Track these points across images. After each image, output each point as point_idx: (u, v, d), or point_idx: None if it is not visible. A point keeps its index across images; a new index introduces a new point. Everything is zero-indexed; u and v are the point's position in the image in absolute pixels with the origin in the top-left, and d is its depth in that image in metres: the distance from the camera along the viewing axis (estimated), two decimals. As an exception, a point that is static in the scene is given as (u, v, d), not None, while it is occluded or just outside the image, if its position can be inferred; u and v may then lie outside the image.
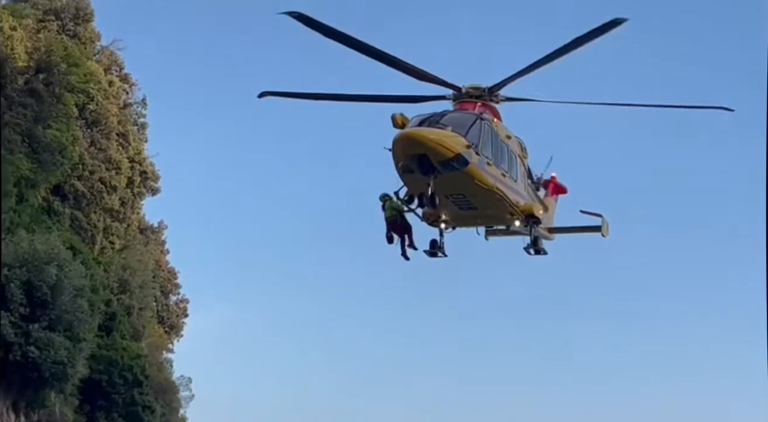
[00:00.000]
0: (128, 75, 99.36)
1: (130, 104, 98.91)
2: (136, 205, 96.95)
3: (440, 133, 32.48)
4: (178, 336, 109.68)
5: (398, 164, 33.02)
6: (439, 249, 37.47)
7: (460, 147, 32.53)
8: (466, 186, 33.69)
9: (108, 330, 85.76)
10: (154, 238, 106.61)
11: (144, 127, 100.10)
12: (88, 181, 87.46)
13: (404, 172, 33.22)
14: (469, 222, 38.13)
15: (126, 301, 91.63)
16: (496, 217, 37.46)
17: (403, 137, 32.51)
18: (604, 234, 42.16)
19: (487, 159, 33.89)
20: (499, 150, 35.04)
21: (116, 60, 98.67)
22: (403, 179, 34.09)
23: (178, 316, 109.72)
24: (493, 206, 35.55)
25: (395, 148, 32.66)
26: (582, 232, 42.71)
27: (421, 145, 32.11)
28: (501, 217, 37.29)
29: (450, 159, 32.31)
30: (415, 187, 34.21)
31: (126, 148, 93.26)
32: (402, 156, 32.60)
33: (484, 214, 36.50)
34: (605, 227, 42.14)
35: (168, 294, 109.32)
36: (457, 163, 32.54)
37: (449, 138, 32.43)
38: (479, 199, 34.65)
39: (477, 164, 33.22)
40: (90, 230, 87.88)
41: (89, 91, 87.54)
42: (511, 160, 36.02)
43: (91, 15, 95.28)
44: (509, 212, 36.48)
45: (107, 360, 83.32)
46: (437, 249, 37.45)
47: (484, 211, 35.78)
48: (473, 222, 38.20)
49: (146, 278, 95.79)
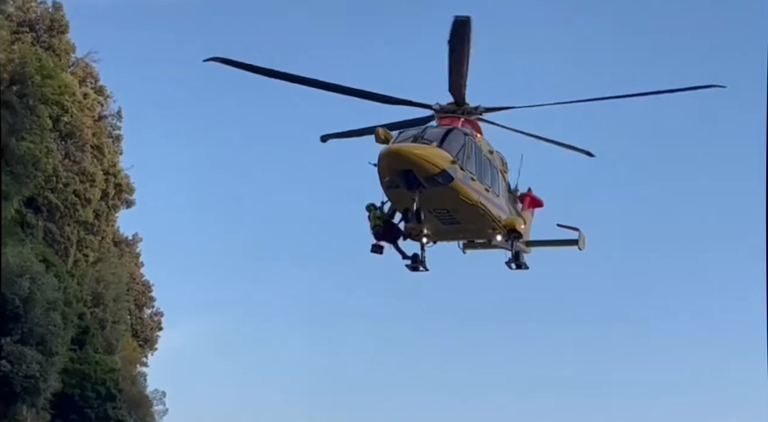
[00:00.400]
0: (103, 87, 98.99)
1: (105, 116, 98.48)
2: (110, 218, 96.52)
3: (426, 149, 32.80)
4: (152, 350, 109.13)
5: (384, 179, 33.28)
6: (421, 264, 37.49)
7: (445, 163, 32.89)
8: (450, 201, 34.02)
9: (81, 343, 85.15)
10: (129, 251, 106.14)
11: (119, 140, 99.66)
12: (61, 194, 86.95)
13: (389, 187, 33.49)
14: (451, 237, 38.31)
15: (100, 314, 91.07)
16: (478, 232, 37.67)
17: (389, 153, 32.78)
18: (580, 248, 42.39)
19: (471, 174, 34.27)
20: (483, 165, 35.39)
21: (91, 72, 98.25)
22: (387, 194, 34.31)
23: (152, 329, 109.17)
24: (476, 221, 35.85)
25: (381, 163, 32.93)
26: (559, 246, 42.87)
27: (407, 160, 32.41)
28: (483, 232, 37.54)
29: (435, 174, 32.67)
30: (400, 202, 34.39)
31: (101, 160, 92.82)
32: (388, 171, 32.89)
33: (467, 229, 36.75)
34: (582, 241, 42.40)
35: (142, 308, 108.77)
36: (443, 179, 32.91)
37: (435, 154, 32.78)
38: (462, 213, 34.98)
39: (461, 179, 33.63)
40: (63, 243, 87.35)
41: (64, 103, 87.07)
42: (493, 175, 36.40)
43: (66, 27, 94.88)
44: (491, 227, 36.79)
45: (80, 373, 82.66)
46: (419, 263, 37.47)
47: (466, 225, 36.08)
48: (455, 236, 38.41)
49: (120, 291, 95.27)
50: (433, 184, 32.81)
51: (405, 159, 32.43)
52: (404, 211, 34.38)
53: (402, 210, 34.68)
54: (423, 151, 32.70)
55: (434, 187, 32.92)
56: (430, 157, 32.62)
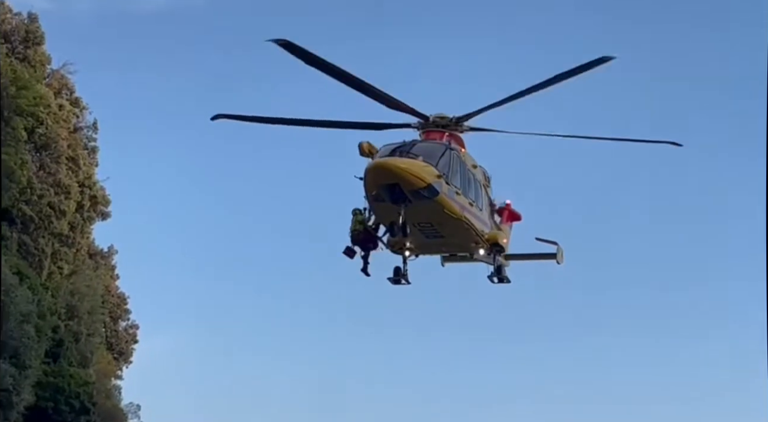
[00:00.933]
0: (79, 98, 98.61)
1: (80, 128, 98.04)
2: (85, 230, 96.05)
3: (412, 163, 33.01)
4: (127, 363, 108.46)
5: (370, 193, 33.50)
6: (403, 277, 37.62)
7: (431, 177, 33.08)
8: (435, 215, 34.21)
9: (55, 356, 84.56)
10: (104, 263, 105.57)
11: (94, 151, 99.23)
12: (36, 206, 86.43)
13: (375, 200, 33.71)
14: (434, 250, 38.64)
15: (74, 327, 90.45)
16: (460, 245, 37.95)
17: (376, 166, 33.00)
18: (558, 262, 42.57)
19: (456, 188, 34.51)
20: (467, 180, 35.69)
21: (67, 83, 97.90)
22: (373, 208, 34.60)
23: (127, 342, 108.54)
24: (460, 235, 36.10)
25: (367, 177, 33.15)
26: (537, 259, 42.97)
27: (393, 174, 32.61)
28: (466, 246, 37.82)
29: (421, 189, 32.84)
30: (385, 216, 34.51)
31: (76, 172, 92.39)
32: (374, 185, 33.10)
33: (450, 242, 36.95)
34: (560, 255, 42.56)
35: (117, 320, 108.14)
36: (428, 193, 33.09)
37: (421, 168, 32.96)
38: (447, 227, 35.17)
39: (446, 194, 33.84)
40: (38, 255, 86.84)
41: (39, 114, 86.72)
42: (477, 190, 36.70)
43: (42, 38, 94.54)
44: (474, 241, 37.04)
45: (54, 387, 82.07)
46: (401, 276, 37.62)
47: (449, 239, 36.25)
48: (438, 249, 38.72)
49: (95, 304, 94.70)
50: (419, 198, 32.99)
51: (391, 173, 32.61)
52: (390, 224, 34.47)
53: (387, 223, 34.76)
54: (409, 165, 32.88)
55: (420, 201, 33.10)
56: (416, 171, 32.82)
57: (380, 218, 35.18)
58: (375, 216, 35.39)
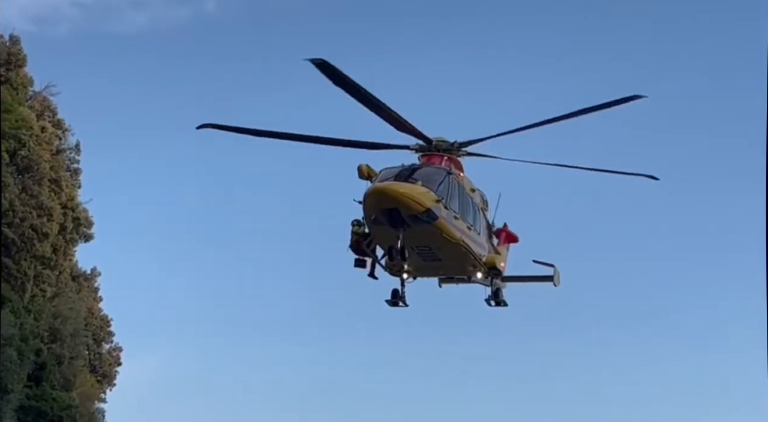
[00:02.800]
0: (61, 120, 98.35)
1: (63, 150, 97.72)
2: (68, 252, 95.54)
3: (411, 188, 33.17)
4: (111, 386, 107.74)
5: (369, 217, 33.64)
6: (401, 299, 37.91)
7: (430, 202, 33.27)
8: (433, 239, 34.36)
9: (38, 380, 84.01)
10: (87, 285, 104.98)
11: (77, 173, 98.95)
12: (18, 228, 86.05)
13: (374, 223, 33.82)
14: (432, 273, 38.72)
15: (57, 350, 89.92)
16: (459, 269, 38.10)
17: (375, 191, 33.13)
18: (555, 284, 42.76)
19: (454, 213, 34.68)
20: (465, 204, 35.87)
21: (49, 105, 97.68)
22: (372, 231, 34.70)
23: (110, 365, 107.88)
24: (458, 258, 36.24)
25: (367, 201, 33.29)
26: (534, 282, 43.10)
27: (393, 199, 32.76)
28: (463, 269, 37.98)
29: (420, 213, 33.03)
30: (384, 239, 34.60)
31: (58, 194, 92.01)
32: (373, 209, 33.24)
33: (448, 266, 37.07)
34: (557, 277, 42.72)
35: (101, 343, 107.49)
36: (427, 217, 33.27)
37: (420, 193, 33.14)
38: (445, 251, 35.30)
39: (445, 218, 34.02)
40: (20, 278, 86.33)
41: (21, 136, 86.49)
42: (475, 214, 36.90)
43: (24, 60, 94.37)
44: (472, 264, 37.19)
45: (36, 411, 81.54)
46: (399, 298, 37.89)
47: (447, 262, 36.39)
48: (436, 272, 38.79)
49: (78, 326, 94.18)
50: (418, 222, 33.17)
51: (390, 198, 32.78)
52: (388, 248, 34.54)
53: (386, 247, 34.83)
54: (408, 190, 33.05)
55: (418, 225, 33.28)
56: (415, 196, 32.99)
57: (379, 241, 35.30)
58: (373, 239, 35.51)
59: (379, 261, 36.61)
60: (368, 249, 36.20)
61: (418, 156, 36.54)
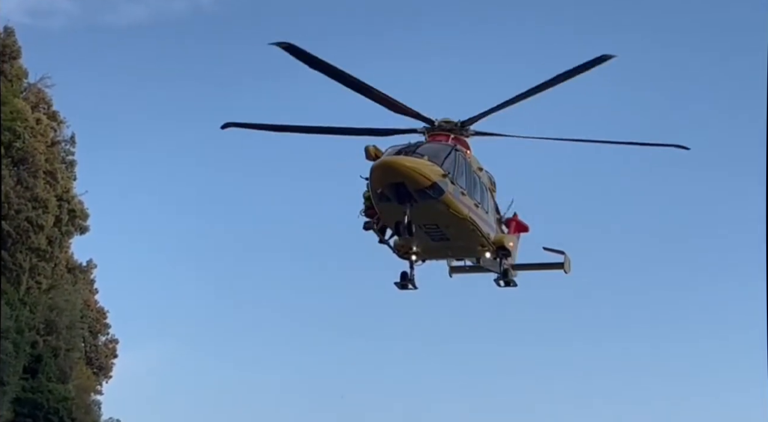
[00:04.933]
0: (56, 112, 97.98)
1: (58, 142, 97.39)
2: (63, 244, 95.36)
3: (417, 162, 32.93)
4: (107, 378, 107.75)
5: (375, 192, 33.43)
6: (410, 282, 37.75)
7: (436, 176, 33.02)
8: (440, 215, 34.07)
9: (33, 372, 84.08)
10: (83, 278, 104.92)
11: (72, 165, 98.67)
12: (13, 221, 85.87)
13: (381, 200, 33.58)
14: (441, 254, 38.46)
15: (53, 342, 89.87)
16: (467, 249, 37.78)
17: (381, 165, 32.91)
18: (566, 271, 42.66)
19: (461, 189, 34.39)
20: (472, 181, 35.63)
21: (44, 97, 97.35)
22: (378, 208, 34.36)
23: (107, 357, 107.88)
24: (466, 237, 35.94)
25: (373, 175, 33.10)
26: (544, 269, 43.09)
27: (399, 173, 32.53)
28: (472, 249, 37.61)
29: (426, 187, 32.78)
30: (391, 216, 34.35)
31: (54, 186, 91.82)
32: (379, 183, 33.03)
33: (456, 246, 36.75)
34: (567, 264, 42.62)
35: (97, 335, 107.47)
36: (433, 192, 33.00)
37: (426, 166, 32.91)
38: (452, 229, 35.00)
39: (452, 193, 33.73)
40: (15, 270, 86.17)
41: (16, 128, 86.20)
42: (482, 192, 36.64)
43: (18, 52, 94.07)
44: (480, 243, 36.88)
45: (32, 403, 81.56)
46: (408, 281, 37.73)
47: (456, 241, 36.06)
48: (444, 253, 38.52)
49: (74, 318, 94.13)
50: (424, 197, 32.93)
51: (397, 171, 32.55)
52: (395, 224, 34.34)
53: (393, 224, 34.66)
54: (414, 163, 32.83)
55: (425, 201, 33.03)
56: (422, 169, 32.76)
57: (386, 218, 35.03)
58: (380, 216, 35.24)
59: (388, 243, 36.45)
60: (376, 230, 35.94)
61: (425, 138, 36.36)
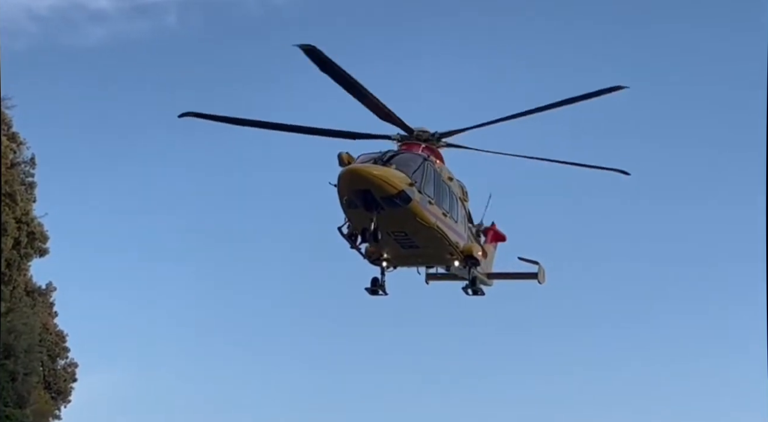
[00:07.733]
0: (16, 134, 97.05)
1: (17, 163, 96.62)
2: (22, 267, 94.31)
3: (384, 170, 33.42)
4: (66, 402, 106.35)
5: (342, 199, 33.81)
6: (381, 288, 38.32)
7: (403, 184, 33.49)
8: (407, 223, 34.55)
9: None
10: (42, 301, 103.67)
11: (32, 187, 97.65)
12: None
13: (348, 207, 33.98)
14: (411, 262, 39.03)
15: (10, 366, 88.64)
16: (436, 257, 38.31)
17: (348, 172, 33.25)
18: (540, 282, 43.75)
19: (429, 198, 34.88)
20: (441, 190, 36.13)
21: (4, 118, 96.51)
22: (346, 214, 34.79)
23: (66, 381, 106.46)
24: (434, 245, 36.45)
25: (340, 183, 33.46)
26: (519, 279, 43.88)
27: (366, 180, 32.93)
28: (441, 257, 38.17)
29: (393, 195, 33.22)
30: (358, 223, 34.72)
31: (13, 208, 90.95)
32: (346, 191, 33.40)
33: (425, 253, 37.31)
34: (542, 274, 43.64)
35: (56, 359, 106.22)
36: (400, 200, 33.46)
37: (393, 175, 33.40)
38: (420, 236, 35.50)
39: (419, 202, 34.18)
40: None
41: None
42: (452, 201, 37.13)
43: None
44: (449, 252, 37.42)
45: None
46: (378, 287, 38.29)
47: (425, 249, 36.63)
48: (414, 261, 39.09)
49: (32, 342, 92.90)
50: (391, 204, 33.35)
51: (363, 179, 32.95)
52: (362, 231, 34.74)
53: (360, 230, 35.00)
54: (381, 171, 33.28)
55: (392, 208, 33.47)
56: (389, 177, 33.21)
57: (353, 225, 35.39)
58: (349, 222, 35.56)
59: (359, 249, 36.81)
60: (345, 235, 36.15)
61: (398, 145, 36.88)
